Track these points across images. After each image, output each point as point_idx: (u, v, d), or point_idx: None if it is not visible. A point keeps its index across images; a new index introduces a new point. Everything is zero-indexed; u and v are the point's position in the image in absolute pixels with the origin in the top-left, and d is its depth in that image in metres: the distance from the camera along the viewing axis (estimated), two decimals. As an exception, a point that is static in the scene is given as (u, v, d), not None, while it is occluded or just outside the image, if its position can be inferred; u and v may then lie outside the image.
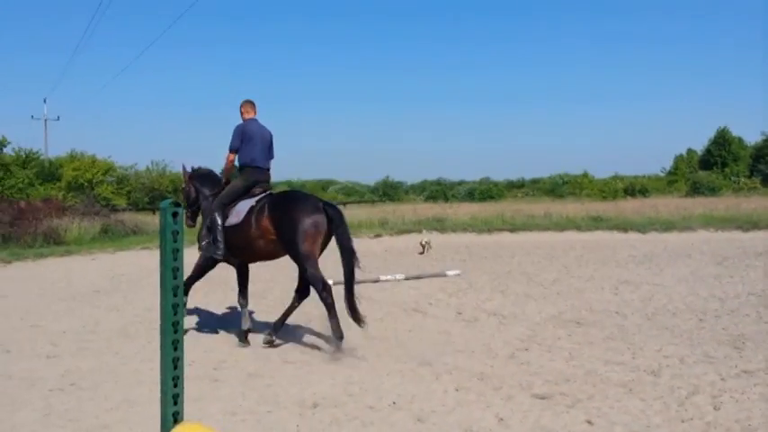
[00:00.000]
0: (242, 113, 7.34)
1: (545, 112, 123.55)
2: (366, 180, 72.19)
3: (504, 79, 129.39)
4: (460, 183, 67.75)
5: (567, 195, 47.21)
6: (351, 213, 27.06)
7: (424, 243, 16.21)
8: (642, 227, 20.91)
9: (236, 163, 7.26)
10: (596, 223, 22.06)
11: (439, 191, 58.69)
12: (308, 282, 6.85)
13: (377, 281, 11.43)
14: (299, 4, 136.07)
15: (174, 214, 2.21)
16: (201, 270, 7.59)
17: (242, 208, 6.95)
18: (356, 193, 61.44)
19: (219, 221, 7.11)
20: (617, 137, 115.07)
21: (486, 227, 21.53)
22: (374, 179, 68.67)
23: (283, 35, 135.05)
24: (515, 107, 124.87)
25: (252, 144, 7.07)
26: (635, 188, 49.47)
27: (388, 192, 60.44)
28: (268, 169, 7.33)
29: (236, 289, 7.75)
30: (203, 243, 7.48)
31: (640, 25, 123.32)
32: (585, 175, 57.29)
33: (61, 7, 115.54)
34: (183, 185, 8.02)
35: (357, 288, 9.52)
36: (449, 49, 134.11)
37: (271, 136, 7.34)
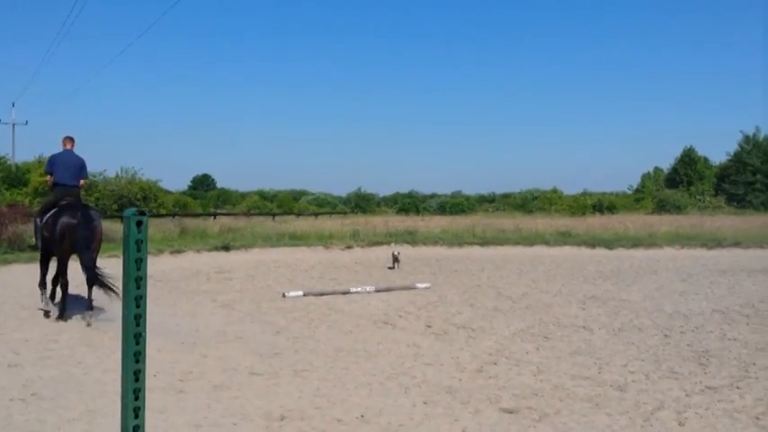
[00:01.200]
0: (62, 144, 9.47)
1: (516, 129, 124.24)
2: (338, 191, 72.15)
3: (477, 96, 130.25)
4: (432, 196, 67.96)
5: (537, 211, 47.57)
6: (322, 224, 27.00)
7: (396, 254, 15.77)
8: (610, 243, 21.15)
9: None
10: (565, 239, 22.25)
11: (411, 203, 58.75)
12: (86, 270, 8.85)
13: (347, 293, 11.38)
14: (274, 17, 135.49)
15: (139, 223, 2.15)
16: (41, 263, 9.49)
17: (48, 215, 9.04)
18: (328, 204, 61.28)
19: (38, 223, 9.35)
20: (586, 154, 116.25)
21: (457, 240, 21.59)
22: (346, 191, 68.68)
23: (258, 48, 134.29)
24: (488, 123, 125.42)
25: (63, 169, 9.22)
26: (603, 205, 50.07)
27: (360, 203, 60.43)
28: (75, 186, 9.35)
29: (202, 298, 8.25)
30: (33, 239, 9.93)
31: (609, 48, 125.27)
32: (555, 190, 57.97)
33: (31, 11, 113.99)
34: None
35: (327, 299, 9.36)
36: (424, 65, 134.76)
37: (81, 162, 9.44)
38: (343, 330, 8.32)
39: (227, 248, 18.45)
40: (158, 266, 14.56)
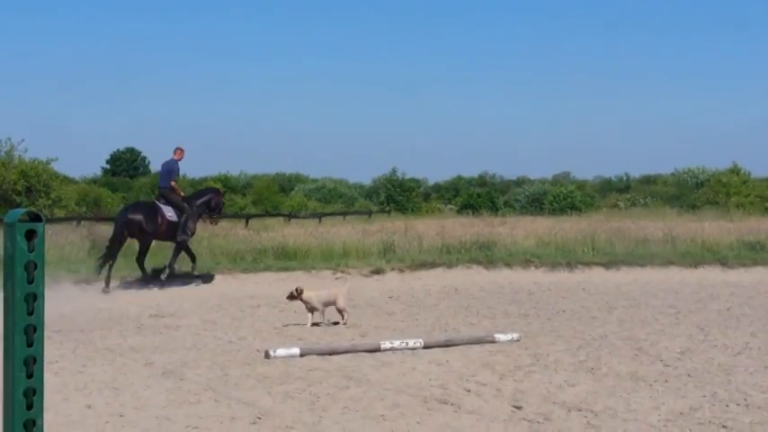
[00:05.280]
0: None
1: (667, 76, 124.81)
2: (358, 176, 72.23)
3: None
4: (519, 182, 67.73)
5: (705, 205, 46.94)
6: (331, 232, 26.95)
7: (296, 292, 14.08)
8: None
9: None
10: (755, 254, 22.01)
11: (483, 195, 58.53)
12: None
13: (376, 350, 11.39)
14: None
15: (30, 234, 2.17)
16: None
17: None
18: (340, 198, 61.27)
19: None
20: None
21: (564, 258, 21.50)
22: (372, 175, 68.62)
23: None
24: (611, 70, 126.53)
25: (160, 175, 21.07)
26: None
27: (396, 196, 60.17)
28: (163, 187, 19.98)
29: (129, 360, 8.16)
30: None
31: None
32: (736, 170, 57.05)
33: None
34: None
35: (342, 361, 9.62)
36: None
37: (169, 168, 20.02)
38: (369, 416, 8.33)
39: (169, 275, 18.60)
40: (55, 306, 14.74)
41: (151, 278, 18.83)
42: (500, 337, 12.21)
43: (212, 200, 20.39)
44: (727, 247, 22.96)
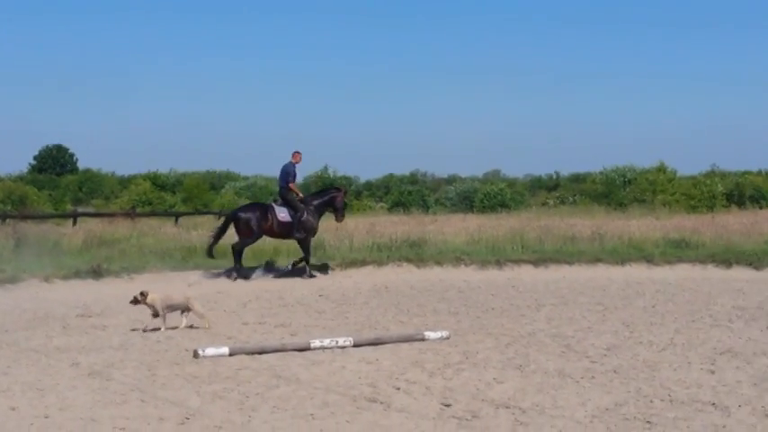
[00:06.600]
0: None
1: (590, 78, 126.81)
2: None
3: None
4: (450, 180, 67.85)
5: (633, 203, 47.38)
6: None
7: (140, 296, 13.39)
8: (756, 258, 21.25)
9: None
10: (679, 252, 22.30)
11: (414, 193, 58.56)
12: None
13: (306, 349, 11.34)
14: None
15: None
16: None
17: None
18: (272, 196, 60.83)
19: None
20: (714, 113, 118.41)
21: (494, 256, 21.57)
22: (304, 172, 68.34)
23: None
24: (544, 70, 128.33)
25: (280, 176, 22.08)
26: (743, 192, 50.06)
27: (327, 194, 60.21)
28: (281, 187, 22.04)
29: (54, 361, 8.13)
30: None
31: None
32: (663, 169, 57.62)
33: None
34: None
35: (271, 360, 9.50)
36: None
37: (284, 170, 21.60)
38: (299, 415, 8.29)
39: (96, 274, 18.37)
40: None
41: (231, 272, 19.82)
42: (430, 335, 12.23)
43: (335, 199, 21.56)
44: (653, 245, 23.29)
